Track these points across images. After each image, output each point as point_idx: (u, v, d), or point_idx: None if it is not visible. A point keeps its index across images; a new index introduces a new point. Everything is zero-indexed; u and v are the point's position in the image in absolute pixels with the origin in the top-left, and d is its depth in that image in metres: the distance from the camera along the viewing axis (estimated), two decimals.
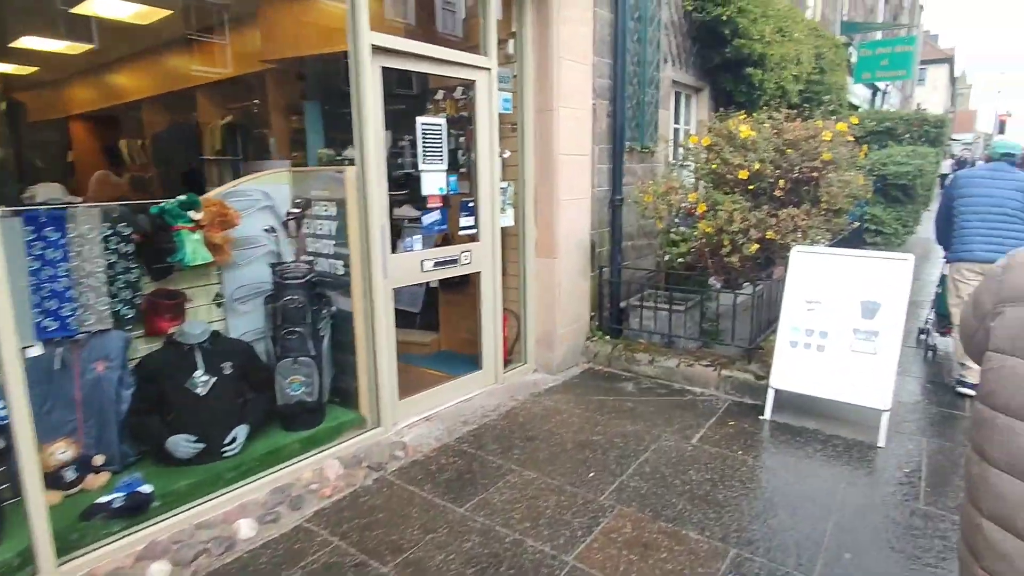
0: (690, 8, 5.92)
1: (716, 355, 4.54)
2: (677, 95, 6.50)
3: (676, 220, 4.72)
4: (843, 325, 3.71)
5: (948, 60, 47.59)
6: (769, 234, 4.06)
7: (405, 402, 3.72)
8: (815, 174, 4.11)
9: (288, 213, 3.45)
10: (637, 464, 3.25)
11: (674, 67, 5.96)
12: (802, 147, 4.25)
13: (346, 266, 3.34)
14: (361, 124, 3.23)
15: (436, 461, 3.31)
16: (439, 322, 5.07)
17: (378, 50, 3.25)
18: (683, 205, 4.41)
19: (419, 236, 3.87)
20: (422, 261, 3.77)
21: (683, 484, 3.05)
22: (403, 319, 4.53)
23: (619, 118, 4.94)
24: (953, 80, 52.99)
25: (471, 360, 4.39)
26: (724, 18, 5.78)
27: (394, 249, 3.61)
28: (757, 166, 4.12)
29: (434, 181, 3.77)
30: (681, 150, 5.04)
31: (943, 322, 4.70)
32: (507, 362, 4.55)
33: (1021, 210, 4.05)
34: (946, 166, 25.59)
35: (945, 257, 4.42)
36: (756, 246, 3.97)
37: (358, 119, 3.23)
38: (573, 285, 4.73)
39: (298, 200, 3.46)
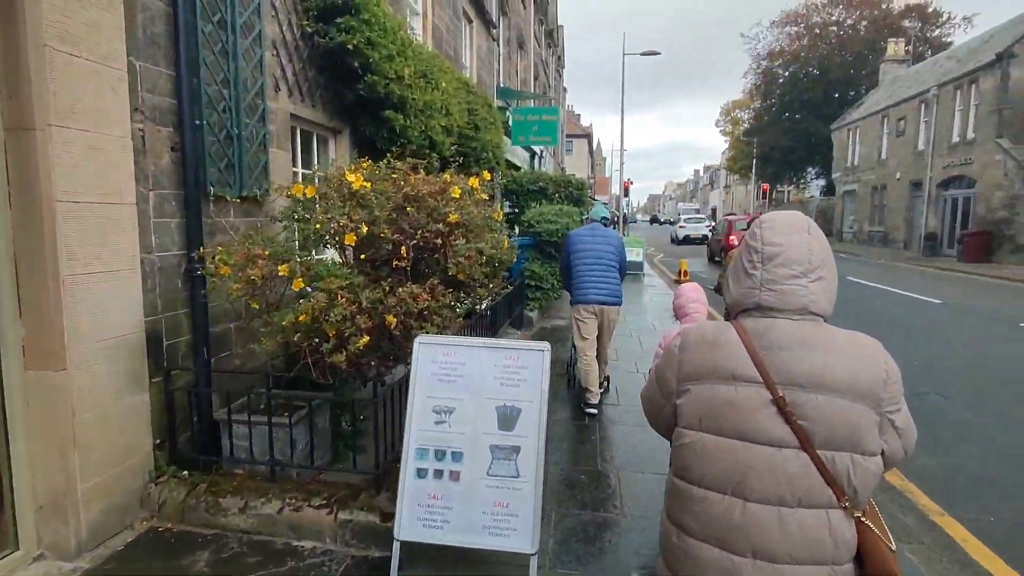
0: (310, 30, 4.79)
1: (338, 485, 3.27)
2: (306, 135, 5.28)
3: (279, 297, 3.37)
4: (479, 441, 2.79)
5: (588, 135, 57.93)
6: (389, 319, 2.99)
7: None
8: (439, 240, 3.21)
9: None
10: None
11: (293, 98, 4.72)
12: (428, 204, 3.33)
13: None
14: None
15: None
16: None
17: None
18: (276, 279, 3.08)
19: None
20: None
21: None
22: None
23: (191, 152, 3.44)
24: (592, 152, 64.71)
25: None
26: (351, 47, 4.79)
27: None
28: (366, 228, 3.04)
29: None
30: (290, 202, 3.76)
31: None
32: None
33: (615, 260, 5.15)
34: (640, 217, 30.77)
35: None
36: (366, 339, 2.84)
37: None
38: (113, 407, 3.00)
39: None
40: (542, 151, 20.59)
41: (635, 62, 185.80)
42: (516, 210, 11.82)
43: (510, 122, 12.90)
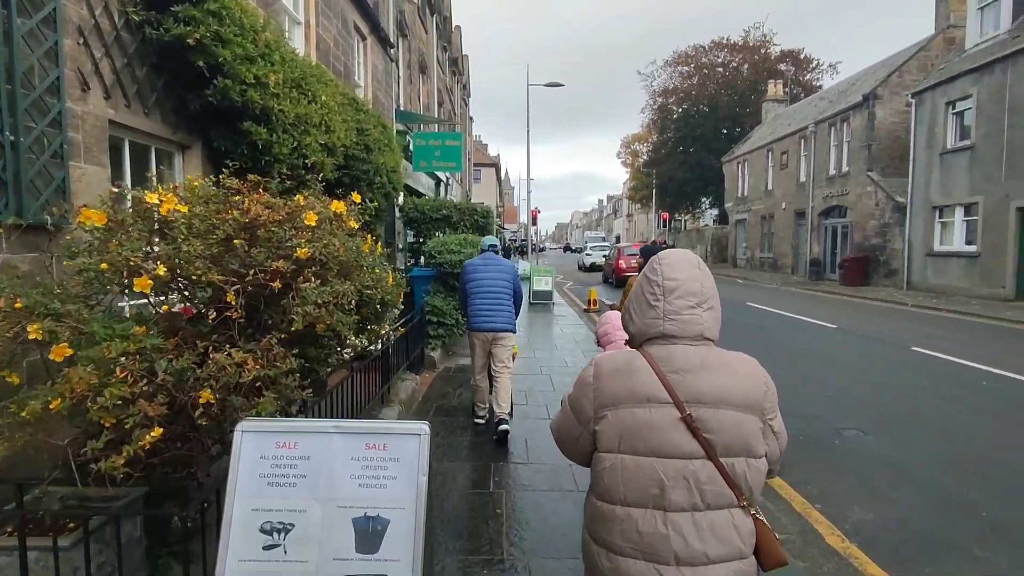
0: (138, 19, 3.81)
1: None
2: (140, 150, 4.24)
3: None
4: (331, 573, 1.94)
5: (495, 165, 58.17)
6: (204, 395, 2.09)
7: None
8: (276, 283, 2.35)
9: None
10: None
11: (113, 102, 3.71)
12: (270, 235, 2.48)
13: None
14: None
15: None
16: None
17: None
18: (27, 343, 2.10)
19: None
20: None
21: None
22: None
23: None
24: (500, 181, 65.08)
25: None
26: (192, 43, 3.86)
27: None
28: (163, 269, 2.14)
29: None
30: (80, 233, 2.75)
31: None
32: None
33: (507, 289, 5.31)
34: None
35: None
36: (158, 431, 1.92)
37: None
38: None
39: None
40: (448, 179, 19.96)
41: (540, 96, 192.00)
42: (420, 240, 11.11)
43: (411, 147, 12.12)
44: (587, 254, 35.16)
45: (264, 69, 4.54)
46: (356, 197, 3.32)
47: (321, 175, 5.65)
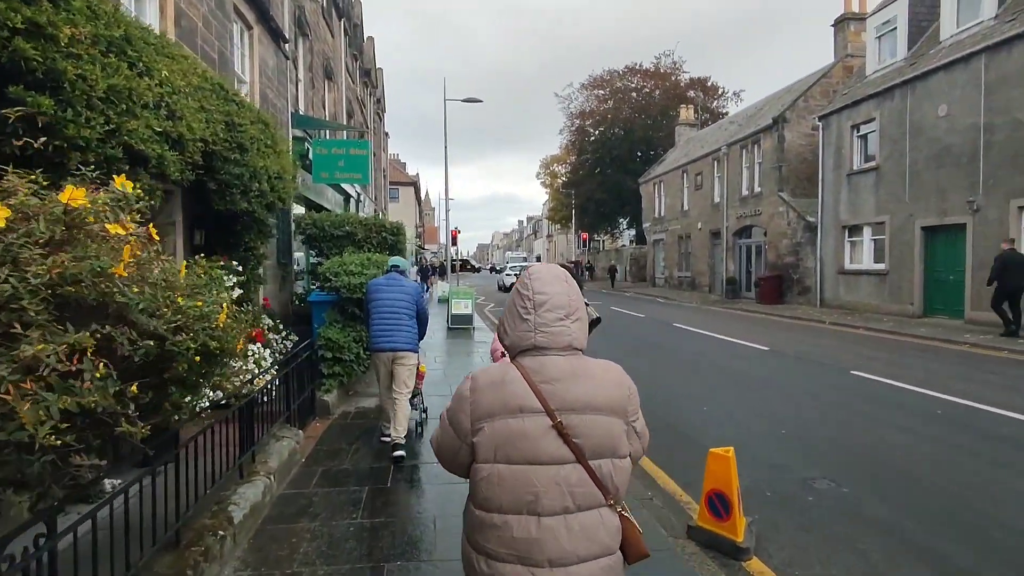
0: None
1: None
2: None
3: None
4: None
5: (415, 184, 56.63)
6: None
7: None
8: None
9: None
10: None
11: None
12: None
13: None
14: None
15: None
16: None
17: None
18: None
19: None
20: None
21: None
22: None
23: None
24: (419, 201, 63.55)
25: None
26: None
27: None
28: None
29: None
30: None
31: None
32: None
33: (409, 308, 5.33)
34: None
35: None
36: None
37: None
38: None
39: None
40: (360, 195, 18.47)
41: (459, 118, 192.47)
42: (321, 260, 9.69)
43: (311, 155, 10.67)
44: (507, 274, 34.42)
45: (50, 14, 3.14)
46: (120, 181, 2.02)
47: (160, 171, 4.25)
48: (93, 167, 3.49)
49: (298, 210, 11.22)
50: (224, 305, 2.79)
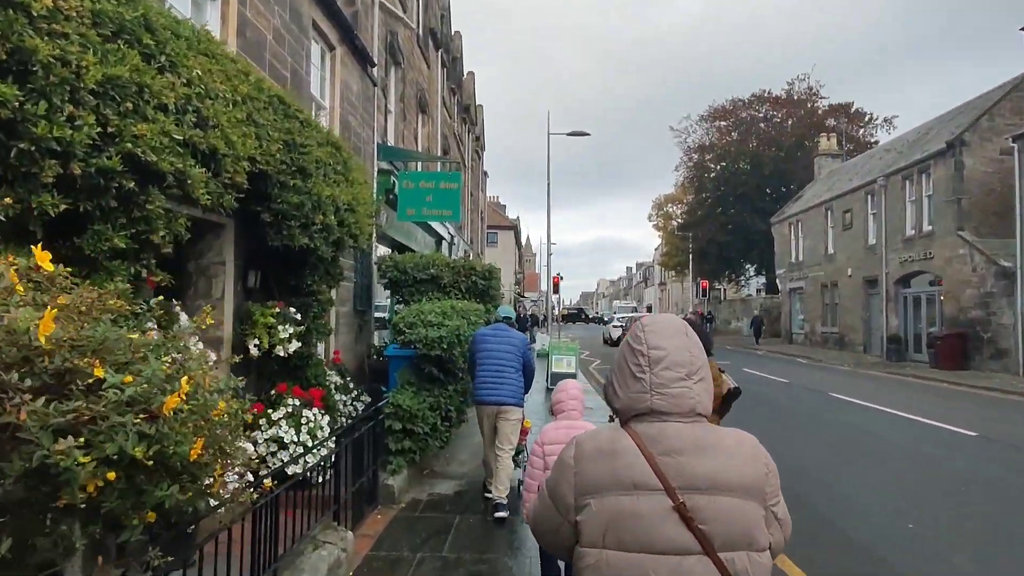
0: None
1: None
2: None
3: None
4: None
5: (515, 228, 57.06)
6: None
7: None
8: None
9: None
10: None
11: None
12: None
13: None
14: None
15: None
16: None
17: None
18: None
19: None
20: None
21: None
22: None
23: None
24: (519, 246, 63.95)
25: None
26: None
27: None
28: None
29: None
30: None
31: None
32: None
33: (515, 361, 5.61)
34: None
35: None
36: None
37: None
38: None
39: None
40: (454, 238, 18.17)
41: (562, 159, 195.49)
42: (403, 305, 9.11)
43: (396, 189, 10.23)
44: (614, 326, 32.97)
45: None
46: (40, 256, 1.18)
47: (191, 195, 3.60)
48: (79, 180, 2.84)
49: (383, 251, 10.91)
50: (187, 379, 1.86)
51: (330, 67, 8.42)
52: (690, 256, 44.94)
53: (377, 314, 10.44)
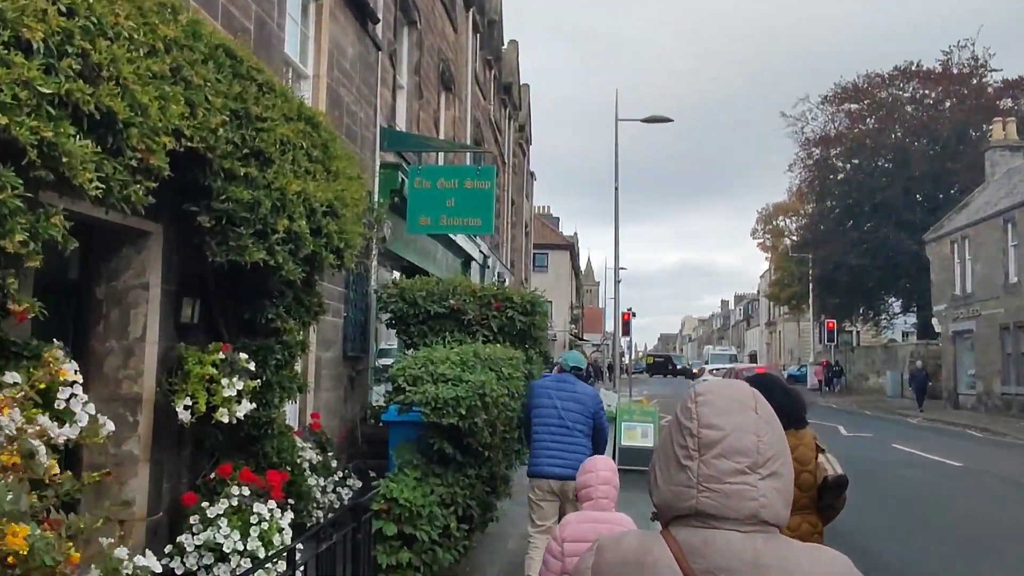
0: None
1: None
2: None
3: None
4: None
5: (570, 247, 56.85)
6: None
7: None
8: None
9: None
10: None
11: None
12: None
13: None
14: None
15: None
16: None
17: None
18: None
19: None
20: None
21: None
22: None
23: None
24: (576, 271, 63.68)
25: None
26: None
27: None
28: None
29: None
30: None
31: None
32: None
33: (584, 423, 5.92)
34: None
35: None
36: None
37: None
38: None
39: None
40: (487, 258, 17.87)
41: (634, 160, 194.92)
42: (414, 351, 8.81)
43: (406, 190, 9.89)
44: (705, 379, 31.91)
45: None
46: None
47: (71, 180, 3.19)
48: None
49: (390, 276, 10.78)
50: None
51: (315, 21, 8.26)
52: (810, 286, 44.43)
53: (383, 360, 10.29)
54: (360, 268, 8.90)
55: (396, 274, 11.08)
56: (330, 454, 6.99)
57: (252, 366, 5.17)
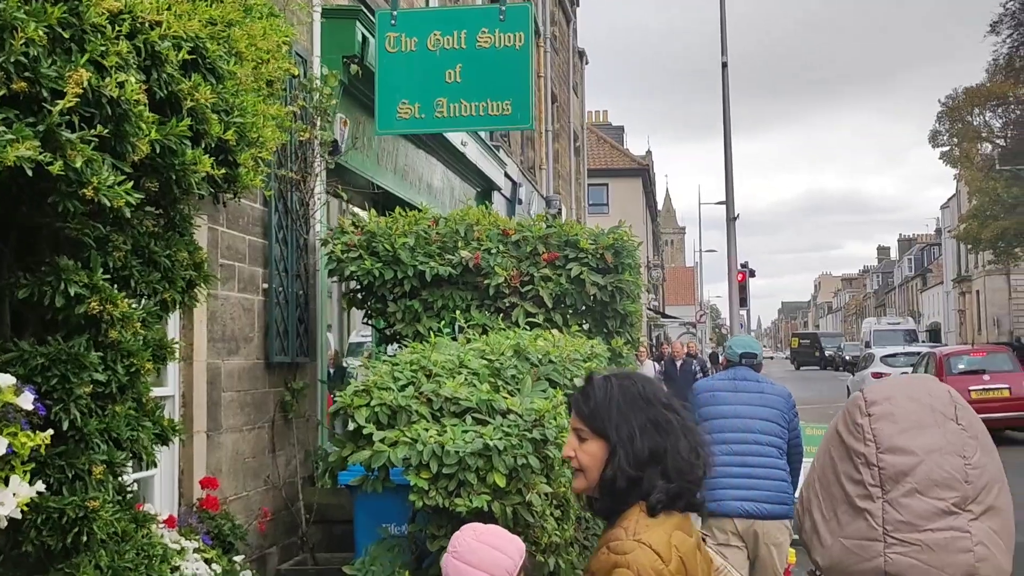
0: None
1: None
2: None
3: None
4: None
5: (643, 171, 56.22)
6: None
7: None
8: None
9: None
10: None
11: None
12: None
13: None
14: None
15: None
16: None
17: None
18: None
19: None
20: None
21: None
22: None
23: None
24: (652, 209, 62.91)
25: None
26: None
27: None
28: None
29: None
30: None
31: None
32: None
33: (779, 434, 6.40)
34: None
35: None
36: None
37: None
38: None
39: None
40: (518, 185, 17.84)
41: (738, 47, 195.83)
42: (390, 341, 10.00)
43: (374, 56, 9.68)
44: (874, 374, 31.73)
45: None
46: None
47: None
48: None
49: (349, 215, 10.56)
50: None
51: None
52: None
53: (354, 361, 11.17)
54: (290, 198, 8.29)
55: (360, 212, 10.59)
56: (237, 559, 6.15)
57: (30, 404, 3.84)
